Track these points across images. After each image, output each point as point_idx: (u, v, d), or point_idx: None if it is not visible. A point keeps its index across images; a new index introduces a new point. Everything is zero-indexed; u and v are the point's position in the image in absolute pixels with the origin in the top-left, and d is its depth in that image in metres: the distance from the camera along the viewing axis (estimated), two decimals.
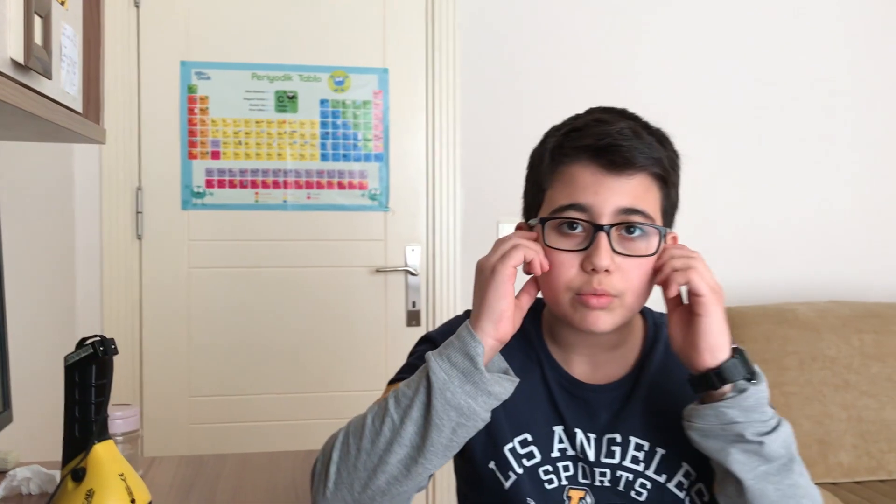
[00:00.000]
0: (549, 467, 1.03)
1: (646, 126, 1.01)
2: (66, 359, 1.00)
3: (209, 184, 2.57)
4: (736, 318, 2.51)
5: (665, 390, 1.04)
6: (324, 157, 2.63)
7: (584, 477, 1.03)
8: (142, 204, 2.53)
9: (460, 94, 2.67)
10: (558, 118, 1.09)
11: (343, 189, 2.64)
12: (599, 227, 0.94)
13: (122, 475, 1.00)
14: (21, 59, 0.86)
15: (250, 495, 1.19)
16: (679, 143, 1.04)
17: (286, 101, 2.60)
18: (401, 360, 1.12)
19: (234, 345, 2.60)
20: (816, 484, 1.05)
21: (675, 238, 1.06)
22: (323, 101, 2.62)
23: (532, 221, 1.02)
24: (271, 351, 2.62)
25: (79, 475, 0.98)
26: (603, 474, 1.03)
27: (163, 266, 2.56)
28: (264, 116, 2.59)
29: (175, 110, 2.55)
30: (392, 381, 1.06)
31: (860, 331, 2.55)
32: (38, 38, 0.91)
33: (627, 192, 0.95)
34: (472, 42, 2.68)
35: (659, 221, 0.99)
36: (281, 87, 2.59)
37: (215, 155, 2.57)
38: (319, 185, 2.62)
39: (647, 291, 0.99)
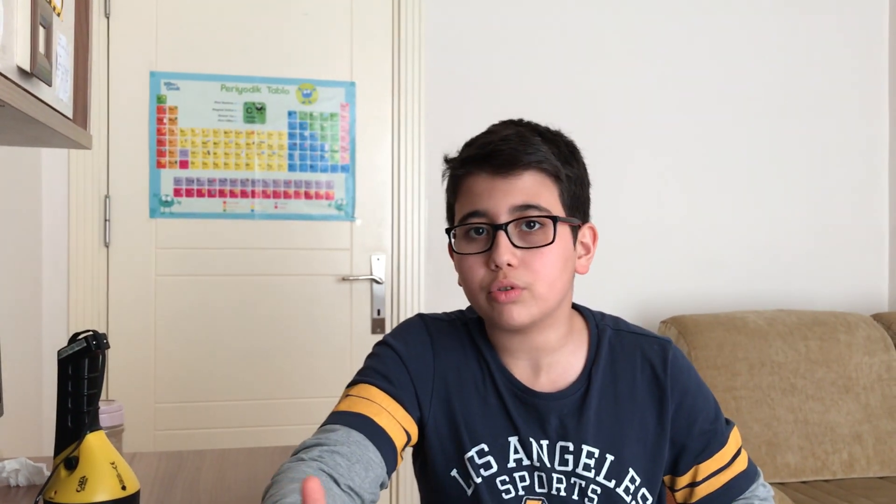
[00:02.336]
0: (506, 477, 1.07)
1: (535, 130, 1.09)
2: (59, 353, 1.05)
3: (177, 193, 2.61)
4: (689, 326, 2.62)
5: (612, 397, 1.10)
6: (291, 168, 2.68)
7: (541, 486, 1.07)
8: (110, 212, 2.56)
9: (425, 108, 2.75)
10: None
11: (310, 199, 2.69)
12: (497, 227, 1.02)
13: (113, 464, 1.05)
14: (27, 67, 0.91)
15: (232, 487, 1.24)
16: (633, 158, 1.12)
17: (254, 113, 2.65)
18: None
19: (201, 352, 2.63)
20: None
21: (592, 229, 1.12)
22: (291, 113, 2.68)
23: (446, 234, 1.10)
24: (237, 358, 2.65)
25: (72, 464, 1.02)
26: (560, 481, 1.06)
27: (130, 274, 2.58)
28: (233, 127, 2.64)
29: (144, 120, 2.58)
30: (350, 385, 1.10)
31: (806, 338, 2.67)
32: (41, 48, 0.96)
33: (519, 190, 1.03)
34: (438, 57, 2.77)
35: (561, 214, 1.05)
36: (250, 98, 2.64)
37: (184, 164, 2.61)
38: (287, 195, 2.68)
39: (561, 282, 1.05)
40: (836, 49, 3.14)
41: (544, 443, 1.07)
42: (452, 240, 1.07)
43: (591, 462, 1.06)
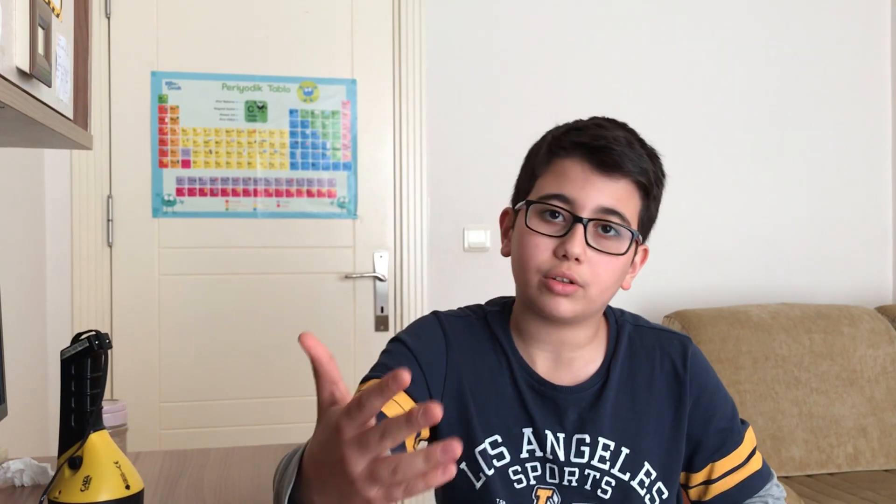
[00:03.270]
0: (519, 468, 1.07)
1: (640, 140, 1.10)
2: (62, 353, 1.05)
3: (180, 192, 2.61)
4: (693, 320, 2.62)
5: (629, 390, 1.10)
6: (293, 166, 2.68)
7: (552, 477, 1.07)
8: (112, 212, 2.56)
9: (426, 105, 2.75)
10: (523, 128, 1.17)
11: (312, 197, 2.70)
12: (578, 219, 1.01)
13: (116, 463, 1.05)
14: (27, 69, 0.91)
15: (236, 485, 1.24)
16: None
17: (256, 111, 2.65)
18: (370, 363, 1.15)
19: (205, 351, 2.63)
20: None
21: (646, 251, 1.14)
22: (292, 111, 2.68)
23: (518, 205, 1.09)
24: (242, 357, 2.66)
25: (76, 463, 1.03)
26: (572, 473, 1.07)
27: (133, 274, 2.59)
28: (234, 126, 2.64)
29: (146, 119, 2.59)
30: (363, 381, 1.10)
31: (810, 331, 2.67)
32: (40, 49, 0.96)
33: (611, 193, 1.03)
34: (439, 54, 2.76)
35: (636, 229, 1.06)
36: (251, 97, 2.65)
37: (186, 163, 2.61)
38: (289, 194, 2.68)
39: (613, 289, 1.06)
40: (837, 44, 3.13)
41: (560, 436, 1.07)
42: (525, 213, 1.05)
43: (607, 455, 1.07)
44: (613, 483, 1.07)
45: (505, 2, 2.82)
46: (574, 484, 1.07)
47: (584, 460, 1.07)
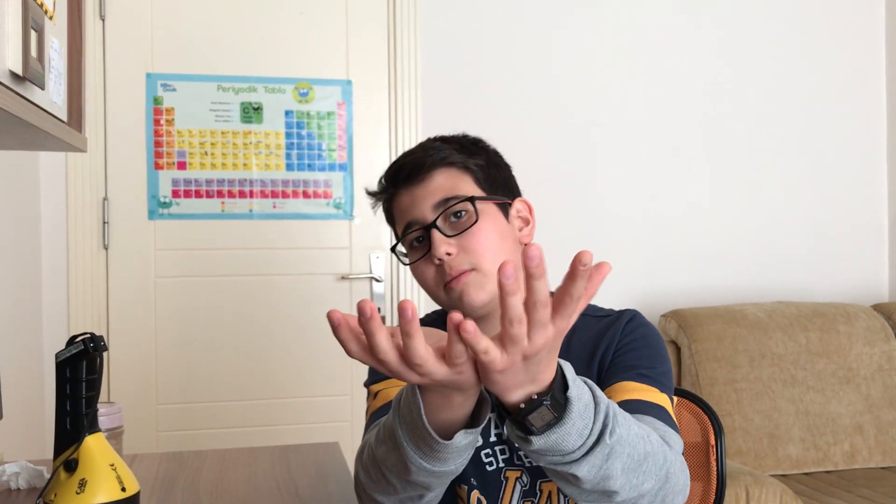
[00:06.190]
0: (489, 450, 1.12)
1: (438, 139, 1.19)
2: (57, 355, 1.05)
3: (175, 194, 2.61)
4: (689, 319, 2.62)
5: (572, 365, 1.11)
6: (289, 167, 2.68)
7: (518, 460, 1.11)
8: (108, 214, 2.56)
9: (422, 105, 2.75)
10: (518, 128, 1.20)
11: (308, 198, 2.70)
12: (428, 227, 1.11)
13: (112, 465, 1.05)
14: (19, 71, 0.91)
15: (232, 487, 1.24)
16: (632, 152, 1.13)
17: (251, 113, 2.65)
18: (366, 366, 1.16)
19: (201, 353, 2.63)
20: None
21: (525, 202, 1.19)
22: (288, 113, 2.68)
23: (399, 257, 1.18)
24: (238, 358, 2.65)
25: (71, 466, 1.02)
26: None
27: (129, 276, 2.59)
28: (230, 127, 2.64)
29: (141, 121, 2.58)
30: (372, 383, 1.15)
31: (806, 329, 2.67)
32: (33, 51, 0.96)
33: (434, 189, 1.12)
34: (434, 52, 2.77)
35: (483, 195, 1.13)
36: (246, 98, 2.65)
37: (181, 165, 2.61)
38: (285, 195, 2.68)
39: (503, 254, 1.09)
40: (834, 42, 3.13)
41: None
42: (403, 257, 1.16)
43: None
44: None
45: (500, 3, 2.83)
46: (535, 464, 1.06)
47: None
